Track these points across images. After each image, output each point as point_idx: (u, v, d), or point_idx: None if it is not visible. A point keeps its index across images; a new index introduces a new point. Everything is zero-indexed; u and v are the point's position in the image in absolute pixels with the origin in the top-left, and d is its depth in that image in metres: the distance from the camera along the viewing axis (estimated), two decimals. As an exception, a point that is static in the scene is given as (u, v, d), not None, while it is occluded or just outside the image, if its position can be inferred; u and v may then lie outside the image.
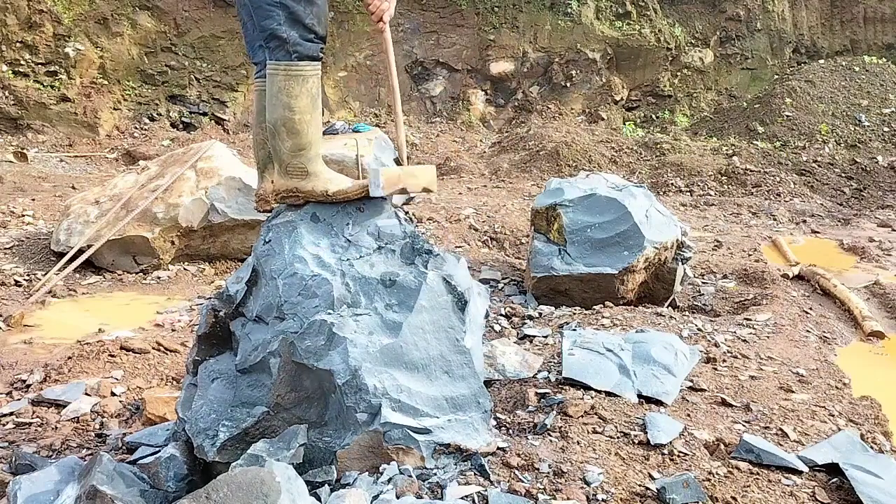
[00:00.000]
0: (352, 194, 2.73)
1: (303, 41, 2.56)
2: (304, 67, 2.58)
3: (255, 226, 6.09)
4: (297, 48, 2.56)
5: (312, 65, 2.61)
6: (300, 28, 2.56)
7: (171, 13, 12.16)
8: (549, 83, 13.77)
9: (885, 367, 4.47)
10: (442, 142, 12.30)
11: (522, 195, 9.20)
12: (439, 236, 6.70)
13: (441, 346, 2.61)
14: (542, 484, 2.37)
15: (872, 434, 3.09)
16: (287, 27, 2.54)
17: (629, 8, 14.01)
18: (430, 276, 2.66)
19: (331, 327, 2.50)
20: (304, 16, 2.55)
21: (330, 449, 2.50)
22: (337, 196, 2.72)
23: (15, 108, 10.74)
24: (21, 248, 6.23)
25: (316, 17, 2.58)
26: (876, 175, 10.46)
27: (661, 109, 14.07)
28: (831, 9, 15.16)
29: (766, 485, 2.50)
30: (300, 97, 2.60)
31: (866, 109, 12.16)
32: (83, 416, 3.48)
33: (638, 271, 4.96)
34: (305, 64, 2.58)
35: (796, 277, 6.04)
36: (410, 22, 13.55)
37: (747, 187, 9.93)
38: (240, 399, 2.60)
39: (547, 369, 3.33)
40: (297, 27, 2.55)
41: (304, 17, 2.55)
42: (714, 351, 3.84)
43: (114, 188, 6.43)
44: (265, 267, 2.70)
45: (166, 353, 4.22)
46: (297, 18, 2.54)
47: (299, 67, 2.58)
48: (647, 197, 5.30)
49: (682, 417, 2.95)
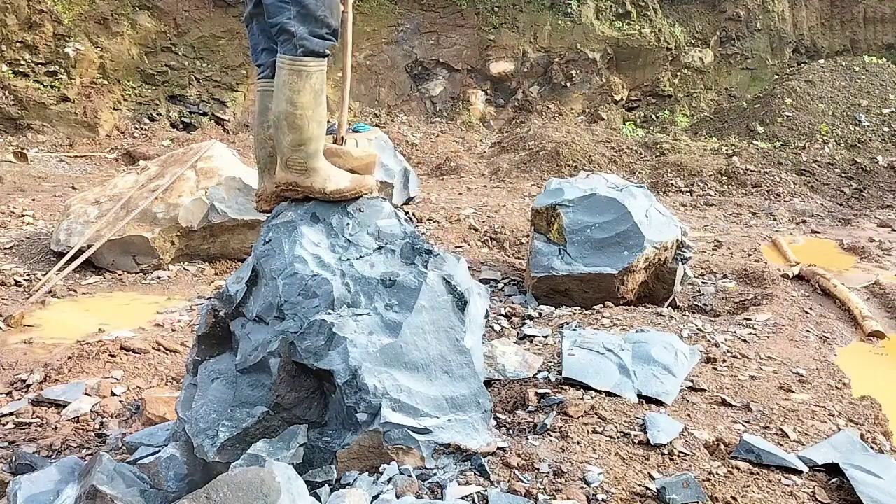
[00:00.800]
0: (348, 194, 2.74)
1: (311, 37, 2.58)
2: (307, 63, 2.60)
3: (255, 226, 6.08)
4: (303, 43, 2.57)
5: (317, 61, 2.61)
6: (312, 22, 2.57)
7: (171, 13, 12.16)
8: (549, 83, 13.78)
9: (885, 367, 4.47)
10: (442, 142, 12.31)
11: (522, 195, 9.20)
12: (439, 236, 6.70)
13: (441, 346, 2.61)
14: (542, 484, 2.37)
15: (872, 434, 3.09)
16: (296, 22, 2.56)
17: (629, 8, 14.01)
18: (430, 276, 2.66)
19: (331, 327, 2.50)
20: (315, 8, 2.56)
21: (330, 449, 2.50)
22: (333, 195, 2.73)
23: (15, 108, 10.74)
24: (21, 248, 6.23)
25: (328, 7, 2.59)
26: (876, 175, 10.46)
27: (661, 109, 14.07)
28: (831, 9, 15.16)
29: (766, 485, 2.50)
30: (302, 93, 2.62)
31: (866, 109, 12.16)
32: (83, 416, 3.48)
33: (638, 271, 4.96)
34: (310, 60, 2.60)
35: (796, 277, 6.04)
36: (410, 22, 13.55)
37: (747, 187, 9.93)
38: (240, 399, 2.60)
39: (547, 369, 3.33)
40: (309, 21, 2.57)
41: (316, 9, 2.56)
42: (714, 351, 3.84)
43: (114, 188, 6.43)
44: (265, 267, 2.70)
45: (166, 353, 4.22)
46: (308, 12, 2.56)
47: (303, 63, 2.59)
48: (647, 197, 5.30)
49: (682, 417, 2.95)
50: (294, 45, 2.58)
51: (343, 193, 2.73)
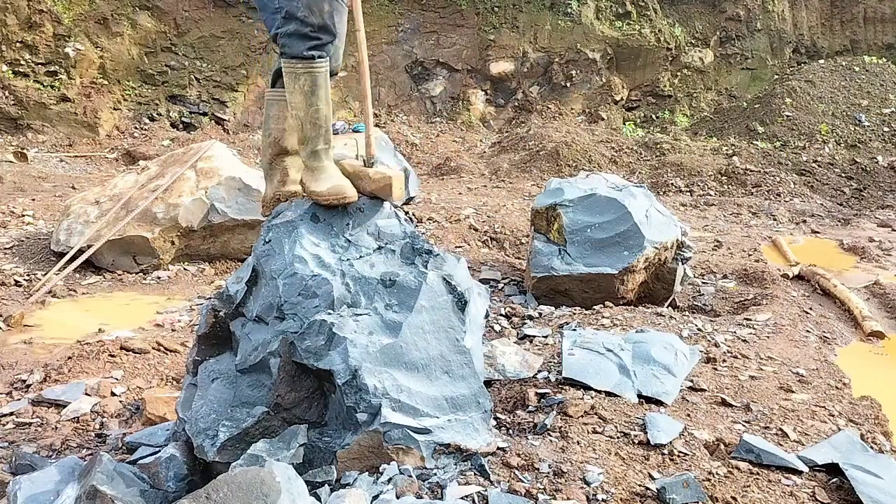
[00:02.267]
0: (321, 199, 2.75)
1: (292, 39, 2.67)
2: (295, 65, 2.71)
3: (255, 226, 6.08)
4: (284, 48, 2.70)
5: (304, 63, 2.69)
6: (293, 23, 2.65)
7: (171, 13, 12.16)
8: (549, 83, 13.77)
9: (885, 367, 4.47)
10: (442, 142, 12.30)
11: (522, 195, 9.20)
12: (439, 236, 6.70)
13: (441, 346, 2.61)
14: (542, 484, 2.37)
15: (872, 434, 3.09)
16: (283, 27, 2.67)
17: (629, 8, 14.01)
18: (430, 276, 2.66)
19: (331, 327, 2.50)
20: (294, 10, 2.64)
21: (330, 449, 2.50)
22: (311, 196, 2.77)
23: (15, 108, 10.74)
24: (21, 248, 6.23)
25: (307, 7, 2.65)
26: (876, 175, 10.46)
27: (661, 109, 14.07)
28: (831, 9, 15.16)
29: (766, 485, 2.50)
30: (294, 94, 2.73)
31: (866, 109, 12.16)
32: (83, 416, 3.48)
33: (638, 271, 4.96)
34: (296, 62, 2.70)
35: (796, 277, 6.04)
36: (410, 22, 13.55)
37: (747, 187, 9.93)
38: (240, 399, 2.60)
39: (547, 369, 3.32)
40: (290, 23, 2.66)
41: (296, 11, 2.65)
42: (714, 351, 3.84)
43: (114, 188, 6.43)
44: (265, 267, 2.70)
45: (166, 353, 4.22)
46: (289, 15, 2.65)
47: (291, 65, 2.71)
48: (647, 197, 5.30)
49: (682, 417, 2.95)
50: (283, 51, 2.70)
51: (318, 196, 2.75)
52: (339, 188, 2.74)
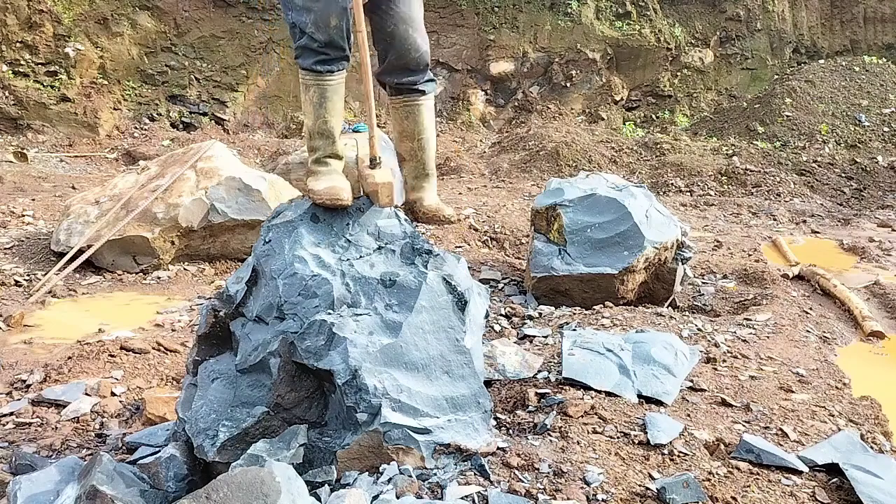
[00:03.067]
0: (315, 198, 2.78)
1: (301, 56, 2.85)
2: (305, 77, 2.88)
3: (255, 226, 6.08)
4: (296, 59, 2.89)
5: (312, 75, 2.85)
6: (305, 38, 2.80)
7: (171, 13, 12.16)
8: (549, 83, 13.77)
9: (885, 367, 4.47)
10: (442, 142, 12.29)
11: (522, 195, 9.19)
12: (439, 236, 6.70)
13: (441, 346, 2.62)
14: (542, 484, 2.37)
15: (872, 434, 3.09)
16: (297, 40, 2.85)
17: (629, 8, 14.01)
18: (430, 276, 2.66)
19: (331, 327, 2.50)
20: (304, 25, 2.79)
21: (330, 449, 2.50)
22: (309, 194, 2.85)
23: (15, 108, 10.73)
24: (21, 248, 6.23)
25: (314, 24, 2.76)
26: (876, 175, 10.45)
27: (661, 109, 14.06)
28: (831, 9, 15.15)
29: (766, 485, 2.50)
30: (305, 103, 2.91)
31: (866, 109, 12.15)
32: (83, 416, 3.48)
33: (638, 271, 4.96)
34: (305, 74, 2.87)
35: (796, 277, 6.03)
36: (410, 22, 13.53)
37: (747, 187, 9.92)
38: (240, 399, 2.60)
39: (547, 369, 3.32)
40: (302, 38, 2.82)
41: (304, 26, 2.79)
42: (714, 351, 3.84)
43: (114, 188, 6.42)
44: (265, 267, 2.70)
45: (166, 353, 4.22)
46: (301, 31, 2.81)
47: (302, 76, 2.90)
48: (647, 197, 5.30)
49: (682, 417, 2.95)
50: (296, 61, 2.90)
51: (313, 195, 2.80)
52: (334, 189, 2.75)
